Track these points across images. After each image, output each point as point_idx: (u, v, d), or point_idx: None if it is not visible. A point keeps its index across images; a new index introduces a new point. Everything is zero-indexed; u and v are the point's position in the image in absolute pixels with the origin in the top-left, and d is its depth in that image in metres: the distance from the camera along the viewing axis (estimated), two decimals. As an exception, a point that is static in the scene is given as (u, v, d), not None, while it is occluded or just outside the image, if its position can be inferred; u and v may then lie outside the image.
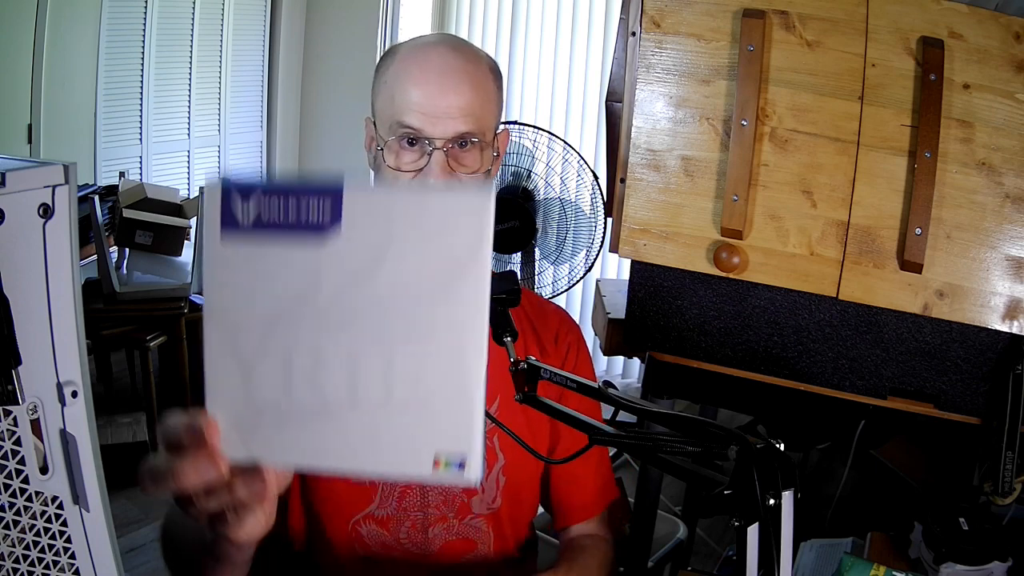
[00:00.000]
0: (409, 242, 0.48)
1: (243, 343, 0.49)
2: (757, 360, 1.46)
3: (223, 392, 0.50)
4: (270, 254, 0.48)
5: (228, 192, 0.49)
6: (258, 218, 0.48)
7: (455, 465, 0.48)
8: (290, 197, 0.48)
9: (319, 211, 0.48)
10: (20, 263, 0.71)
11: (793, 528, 0.54)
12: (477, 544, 1.06)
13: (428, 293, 0.48)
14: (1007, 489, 1.31)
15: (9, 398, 0.69)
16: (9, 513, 0.70)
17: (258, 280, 0.49)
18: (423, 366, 0.48)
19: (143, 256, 3.22)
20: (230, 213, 0.48)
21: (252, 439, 0.50)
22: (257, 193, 0.48)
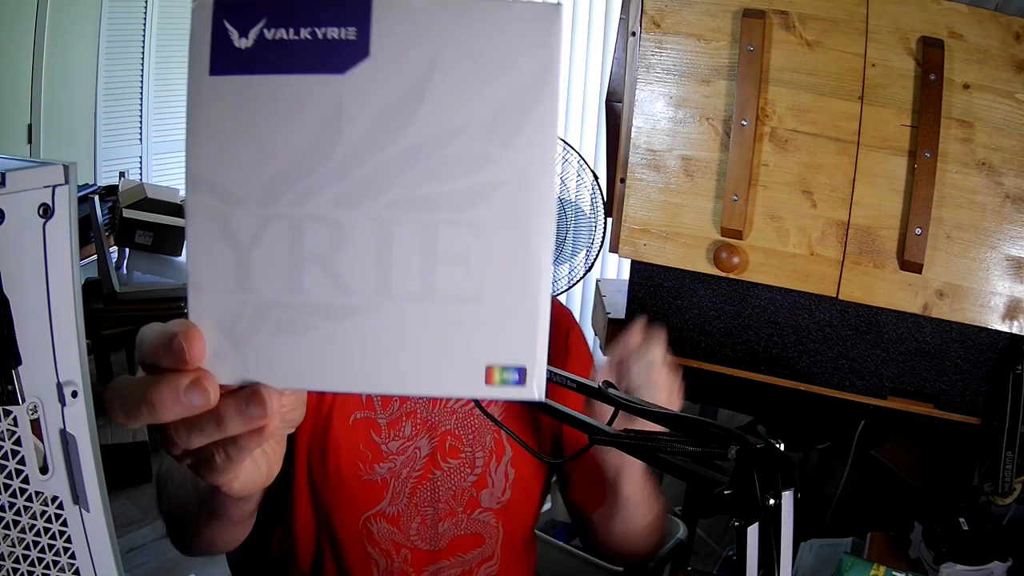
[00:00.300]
0: (458, 68, 0.36)
1: (238, 219, 0.37)
2: (757, 360, 1.46)
3: (211, 289, 0.37)
4: (274, 89, 0.36)
5: (222, 9, 0.37)
6: (260, 40, 0.36)
7: (513, 379, 0.37)
8: (303, 12, 0.36)
9: (340, 27, 0.36)
10: (20, 263, 0.71)
11: (793, 528, 0.54)
12: (485, 539, 1.06)
13: (480, 136, 0.36)
14: (1007, 489, 1.31)
15: (9, 398, 0.69)
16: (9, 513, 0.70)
17: (258, 127, 0.37)
18: (474, 243, 0.37)
19: (143, 256, 3.22)
20: (223, 34, 0.36)
21: (249, 352, 0.38)
22: (260, 8, 0.36)
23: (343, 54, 0.36)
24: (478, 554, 1.05)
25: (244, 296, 0.37)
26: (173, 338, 0.37)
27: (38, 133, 3.50)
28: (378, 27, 0.36)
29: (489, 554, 1.06)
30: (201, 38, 0.37)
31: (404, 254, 0.37)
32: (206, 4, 0.37)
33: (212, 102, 0.37)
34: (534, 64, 0.36)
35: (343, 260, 0.37)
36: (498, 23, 0.36)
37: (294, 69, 0.37)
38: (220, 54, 0.37)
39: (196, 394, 0.37)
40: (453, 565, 1.04)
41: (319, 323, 0.37)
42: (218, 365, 0.38)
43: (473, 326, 0.37)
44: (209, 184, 0.37)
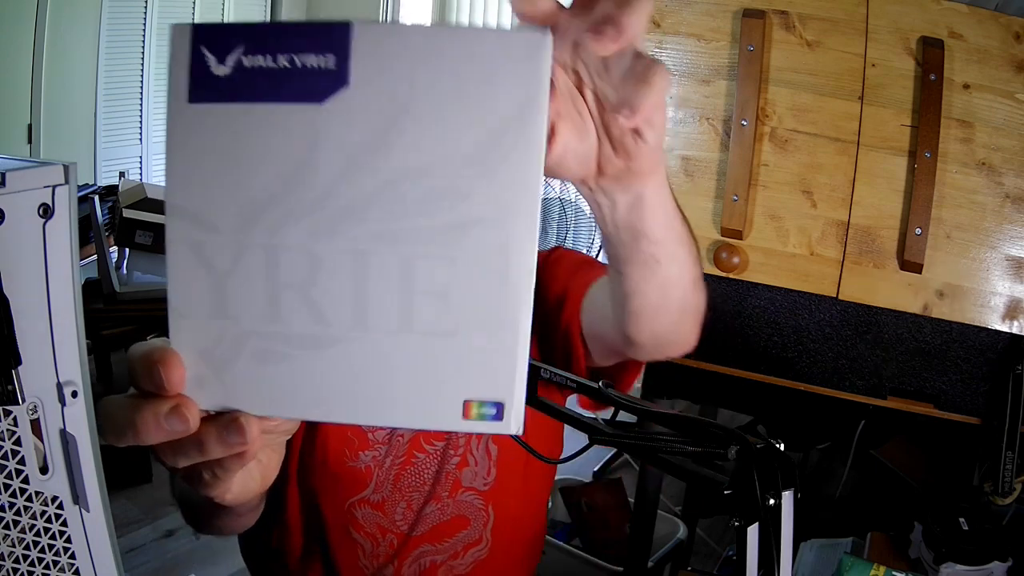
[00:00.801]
0: (440, 98, 0.35)
1: (215, 246, 0.36)
2: (757, 360, 1.46)
3: (190, 315, 0.37)
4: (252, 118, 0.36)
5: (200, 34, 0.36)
6: (238, 68, 0.35)
7: (490, 414, 0.37)
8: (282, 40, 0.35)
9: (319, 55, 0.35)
10: (20, 263, 0.71)
11: (793, 528, 0.54)
12: (471, 521, 1.04)
13: (461, 171, 0.35)
14: (1007, 489, 1.31)
15: (9, 398, 0.69)
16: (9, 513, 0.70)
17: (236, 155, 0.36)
18: (452, 279, 0.36)
19: (143, 256, 3.22)
20: (201, 64, 0.35)
21: (229, 378, 0.37)
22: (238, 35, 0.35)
23: (322, 83, 0.35)
24: (463, 537, 1.04)
25: (223, 323, 0.37)
26: (153, 366, 0.38)
27: (38, 133, 3.50)
28: (358, 56, 0.35)
29: (476, 538, 1.05)
30: (179, 64, 0.36)
31: (381, 287, 0.36)
32: (184, 30, 0.36)
33: (190, 129, 0.36)
34: (518, 98, 0.35)
35: (320, 291, 0.37)
36: (482, 54, 0.35)
37: (272, 97, 0.36)
38: (198, 81, 0.36)
39: (176, 420, 0.38)
40: (438, 551, 1.04)
41: (297, 352, 0.37)
42: (199, 391, 0.38)
43: (451, 360, 0.37)
44: (187, 211, 0.37)
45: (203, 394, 0.38)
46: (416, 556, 1.03)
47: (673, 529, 2.25)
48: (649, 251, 0.59)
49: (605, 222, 0.57)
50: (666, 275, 0.63)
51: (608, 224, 0.57)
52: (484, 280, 0.36)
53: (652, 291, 0.65)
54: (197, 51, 0.36)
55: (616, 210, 0.54)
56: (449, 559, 1.04)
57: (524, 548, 1.13)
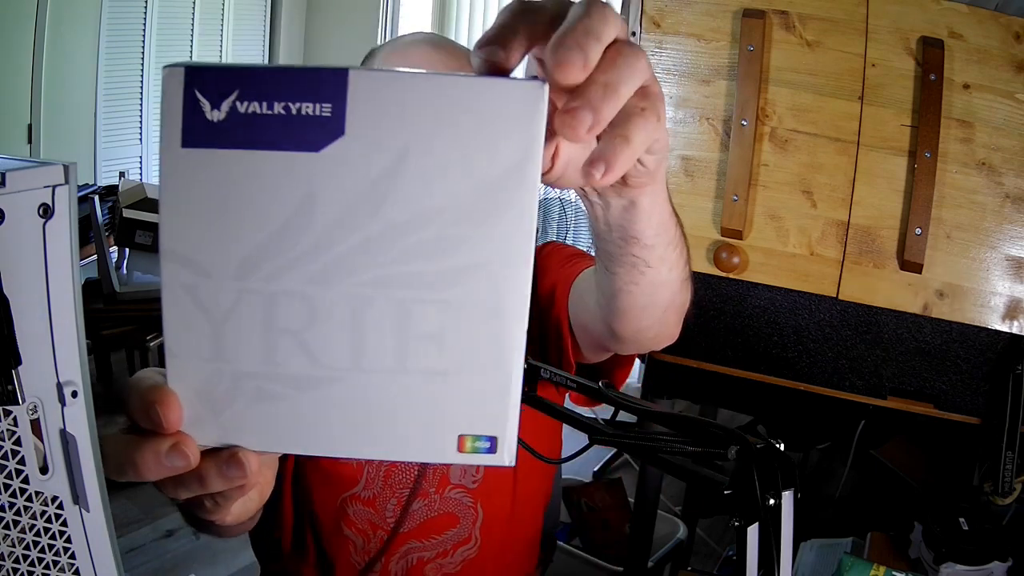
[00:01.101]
0: (435, 147, 0.35)
1: (211, 292, 0.37)
2: (757, 360, 1.46)
3: (187, 357, 0.38)
4: (247, 164, 0.35)
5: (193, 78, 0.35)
6: (233, 113, 0.35)
7: (484, 448, 0.38)
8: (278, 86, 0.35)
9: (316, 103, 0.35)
10: (20, 263, 0.71)
11: (793, 528, 0.54)
12: (459, 519, 1.04)
13: (457, 219, 0.36)
14: (1007, 489, 1.31)
15: (9, 398, 0.69)
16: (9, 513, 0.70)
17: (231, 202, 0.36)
18: (447, 322, 0.37)
19: (143, 256, 3.22)
20: (195, 107, 0.35)
21: (226, 418, 0.38)
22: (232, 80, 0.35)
23: (317, 131, 0.35)
24: (452, 535, 1.04)
25: (220, 366, 0.38)
26: (151, 407, 0.39)
27: (38, 133, 3.50)
28: (354, 105, 0.35)
29: (465, 536, 1.05)
30: (172, 107, 0.35)
31: (377, 331, 0.37)
32: (177, 73, 0.35)
33: (184, 174, 0.36)
34: (515, 148, 0.35)
35: (316, 335, 0.37)
36: (479, 103, 0.35)
37: (267, 145, 0.35)
38: (191, 125, 0.35)
39: (176, 458, 0.39)
40: (425, 547, 1.04)
41: (294, 392, 0.38)
42: (197, 429, 0.39)
43: (445, 398, 0.38)
44: (182, 257, 0.37)
45: (200, 431, 0.39)
46: (403, 552, 1.03)
47: (673, 529, 2.25)
48: (640, 254, 0.59)
49: (597, 221, 0.56)
50: (655, 277, 0.63)
51: (600, 223, 0.56)
52: (478, 323, 0.37)
53: (640, 291, 0.65)
54: (191, 95, 0.35)
55: (609, 212, 0.54)
56: (437, 557, 1.04)
57: (517, 549, 1.12)
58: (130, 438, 0.40)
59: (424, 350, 0.37)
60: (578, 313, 0.90)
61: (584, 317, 0.87)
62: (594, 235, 0.60)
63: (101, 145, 3.84)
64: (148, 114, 4.02)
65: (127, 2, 3.79)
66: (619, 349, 0.85)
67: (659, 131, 0.40)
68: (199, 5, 4.14)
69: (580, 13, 0.36)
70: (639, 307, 0.68)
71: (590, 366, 0.97)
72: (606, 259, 0.61)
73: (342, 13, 4.60)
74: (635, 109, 0.38)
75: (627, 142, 0.38)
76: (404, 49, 0.99)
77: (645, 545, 1.79)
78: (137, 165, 4.04)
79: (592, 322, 0.83)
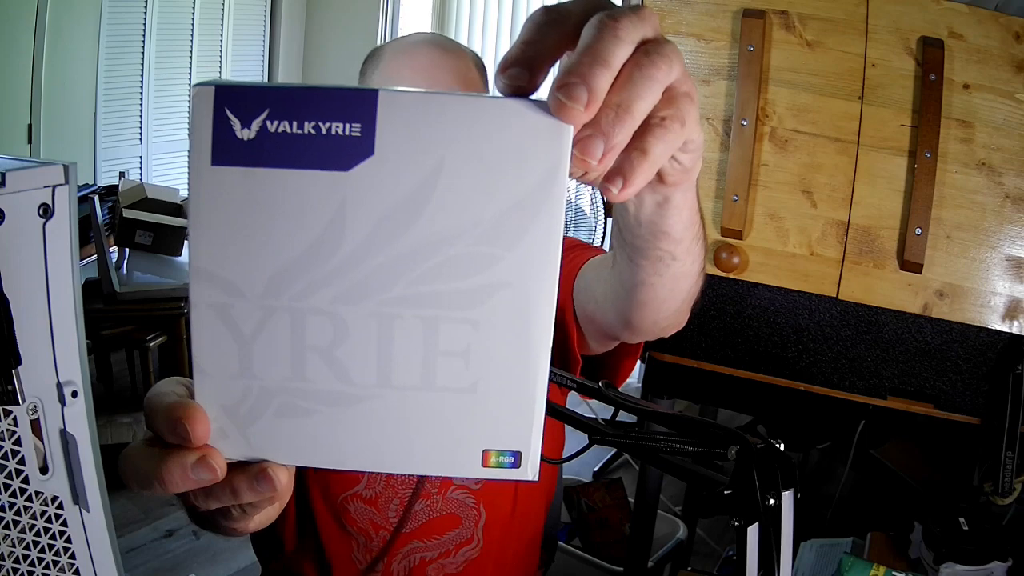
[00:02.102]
0: (464, 167, 0.35)
1: (240, 311, 0.37)
2: (757, 360, 1.46)
3: (215, 374, 0.38)
4: (277, 183, 0.36)
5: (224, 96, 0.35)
6: (262, 131, 0.35)
7: (508, 462, 0.38)
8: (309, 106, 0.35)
9: (346, 123, 0.35)
10: (20, 263, 0.71)
11: (793, 528, 0.54)
12: (462, 520, 1.05)
13: (484, 238, 0.36)
14: (1007, 489, 1.31)
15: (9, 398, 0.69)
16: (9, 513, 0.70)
17: (261, 221, 0.36)
18: (474, 339, 0.37)
19: (143, 256, 3.22)
20: (225, 126, 0.35)
21: (253, 433, 0.39)
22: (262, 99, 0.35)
23: (347, 151, 0.35)
24: (454, 536, 1.04)
25: (248, 382, 0.38)
26: (177, 422, 0.39)
27: (38, 133, 3.50)
28: (383, 125, 0.35)
29: (467, 537, 1.05)
30: (202, 126, 0.36)
31: (405, 348, 0.38)
32: (207, 92, 0.35)
33: (213, 193, 0.36)
34: (542, 167, 0.36)
35: (345, 352, 0.38)
36: (507, 124, 0.35)
37: (297, 164, 0.36)
38: (221, 144, 0.36)
39: (203, 471, 0.39)
40: (427, 547, 1.04)
41: (321, 408, 0.38)
42: (224, 443, 0.39)
43: (471, 414, 0.38)
44: (211, 275, 0.37)
45: (228, 445, 0.39)
46: (405, 552, 1.03)
47: (673, 529, 2.25)
48: (668, 248, 0.58)
49: (627, 215, 0.55)
50: (679, 269, 0.62)
51: (630, 218, 0.55)
52: (504, 340, 0.37)
53: (663, 283, 0.64)
54: (221, 113, 0.35)
55: (642, 208, 0.53)
56: (440, 557, 1.04)
57: (519, 550, 1.12)
58: (156, 451, 0.40)
59: (450, 367, 0.38)
60: (585, 304, 0.89)
61: (591, 308, 0.87)
62: (620, 227, 0.59)
63: (101, 145, 3.84)
64: (148, 114, 4.02)
65: (127, 2, 3.79)
66: (630, 339, 0.84)
67: (686, 135, 0.39)
68: (199, 5, 4.14)
69: (590, 36, 0.35)
70: (660, 299, 0.68)
71: (595, 357, 0.97)
72: (632, 252, 0.61)
73: (342, 13, 4.60)
74: (655, 119, 0.37)
75: (645, 156, 0.37)
76: (410, 49, 1.00)
77: (645, 545, 1.79)
78: (137, 165, 4.04)
79: (601, 312, 0.82)
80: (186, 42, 4.15)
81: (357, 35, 4.48)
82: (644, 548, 1.79)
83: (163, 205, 3.30)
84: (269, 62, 4.63)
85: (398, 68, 0.98)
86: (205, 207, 0.36)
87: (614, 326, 0.80)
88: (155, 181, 3.94)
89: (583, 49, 0.35)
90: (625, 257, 0.63)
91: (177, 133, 4.21)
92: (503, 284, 0.37)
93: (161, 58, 4.01)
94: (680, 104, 0.38)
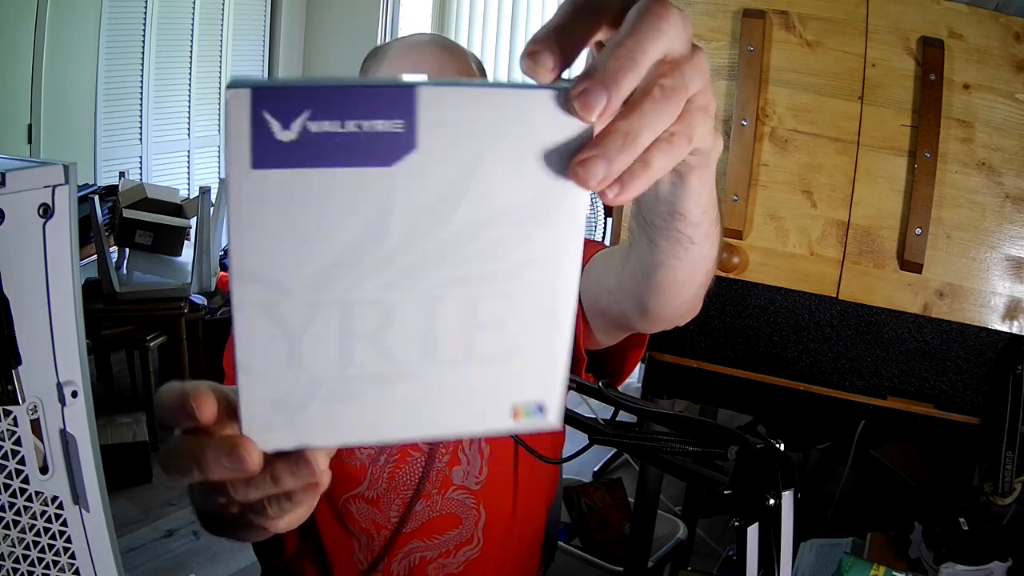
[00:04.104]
0: (501, 155, 0.37)
1: (287, 308, 0.38)
2: (757, 360, 1.46)
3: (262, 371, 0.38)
4: (321, 183, 0.36)
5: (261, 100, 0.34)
6: (304, 132, 0.35)
7: (535, 412, 0.41)
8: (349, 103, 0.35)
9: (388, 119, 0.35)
10: (20, 263, 0.71)
11: (793, 528, 0.54)
12: (462, 520, 1.05)
13: (519, 220, 0.38)
14: (1007, 489, 1.31)
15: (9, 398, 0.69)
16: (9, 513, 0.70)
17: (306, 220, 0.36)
18: (508, 311, 0.40)
19: (143, 256, 3.22)
20: (264, 128, 0.35)
21: (302, 422, 0.40)
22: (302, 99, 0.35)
23: (390, 147, 0.36)
24: (454, 536, 1.04)
25: (296, 374, 0.39)
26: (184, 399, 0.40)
27: (38, 133, 3.50)
28: (424, 119, 0.36)
29: (468, 537, 1.05)
30: (240, 129, 0.35)
31: (448, 326, 0.39)
32: (242, 96, 0.34)
33: (256, 196, 0.36)
34: (568, 154, 0.37)
35: (391, 335, 0.39)
36: (538, 115, 0.37)
37: (341, 162, 0.36)
38: (261, 147, 0.35)
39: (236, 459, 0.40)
40: (428, 547, 1.04)
41: (368, 390, 0.40)
42: (269, 435, 0.40)
43: (505, 377, 0.41)
44: (256, 275, 0.37)
45: (274, 437, 0.40)
46: (406, 552, 1.03)
47: (673, 529, 2.25)
48: (685, 231, 0.59)
49: (647, 194, 0.55)
50: (698, 253, 0.63)
51: (648, 197, 0.56)
52: (536, 311, 0.40)
53: (682, 266, 0.65)
54: (259, 116, 0.35)
55: (659, 188, 0.54)
56: (440, 557, 1.04)
57: (520, 550, 1.12)
58: (193, 439, 0.41)
59: (487, 338, 0.40)
60: (597, 296, 0.89)
61: (604, 300, 0.87)
62: (640, 208, 0.60)
63: (101, 145, 3.84)
64: (148, 114, 4.02)
65: (127, 2, 3.79)
66: (645, 327, 0.85)
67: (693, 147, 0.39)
68: (199, 5, 4.13)
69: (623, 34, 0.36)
70: (679, 283, 0.69)
71: (602, 352, 0.98)
72: (651, 231, 0.62)
73: (342, 13, 4.60)
74: (664, 135, 0.38)
75: (646, 168, 0.38)
76: (415, 49, 1.00)
77: (645, 545, 1.79)
78: (137, 165, 4.04)
79: (616, 303, 0.83)
80: (186, 42, 4.15)
81: (357, 35, 4.48)
82: (644, 548, 1.79)
83: (163, 205, 3.30)
84: (269, 62, 4.63)
85: (402, 67, 0.98)
86: (247, 210, 0.36)
87: (630, 315, 0.80)
88: (155, 181, 3.94)
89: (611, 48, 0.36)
90: (645, 239, 0.64)
91: (177, 133, 4.21)
92: (536, 259, 0.39)
93: (161, 58, 4.01)
94: (692, 120, 0.39)
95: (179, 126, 4.21)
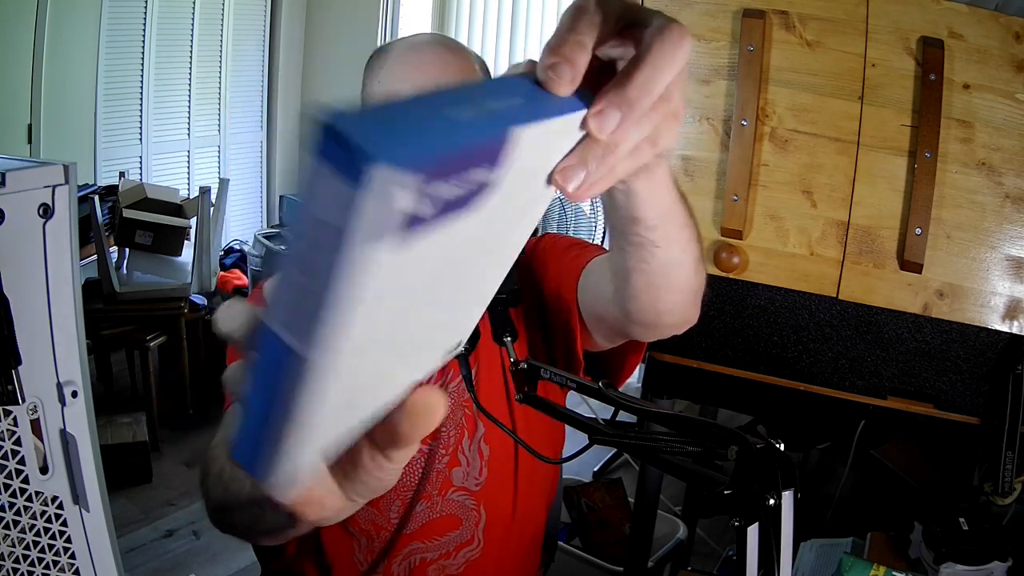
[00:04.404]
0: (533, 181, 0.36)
1: (360, 370, 0.34)
2: (757, 360, 1.46)
3: (322, 429, 0.35)
4: (434, 246, 0.32)
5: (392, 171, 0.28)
6: (420, 201, 0.30)
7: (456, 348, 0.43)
8: (460, 161, 0.31)
9: (480, 167, 0.32)
10: (20, 263, 0.71)
11: (793, 528, 0.54)
12: (462, 521, 1.05)
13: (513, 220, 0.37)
14: (1007, 489, 1.31)
15: (9, 398, 0.69)
16: (9, 513, 0.70)
17: (407, 288, 0.33)
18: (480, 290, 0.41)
19: (143, 256, 3.23)
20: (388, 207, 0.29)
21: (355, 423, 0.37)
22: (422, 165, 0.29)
23: (478, 193, 0.33)
24: (454, 537, 1.04)
25: (349, 410, 0.36)
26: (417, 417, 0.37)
27: (38, 133, 3.50)
28: (506, 161, 0.33)
29: (468, 538, 1.05)
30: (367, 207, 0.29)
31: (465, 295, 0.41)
32: (377, 175, 0.28)
33: (370, 271, 0.30)
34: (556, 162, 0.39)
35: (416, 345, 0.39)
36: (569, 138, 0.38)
37: (448, 218, 0.32)
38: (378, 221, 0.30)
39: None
40: (428, 548, 1.04)
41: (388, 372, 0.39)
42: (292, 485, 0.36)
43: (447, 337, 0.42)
44: (359, 351, 0.33)
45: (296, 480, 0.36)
46: (406, 554, 1.03)
47: (673, 529, 2.25)
48: (645, 235, 0.60)
49: (603, 202, 0.58)
50: (667, 257, 0.63)
51: (605, 206, 0.58)
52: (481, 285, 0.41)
53: (651, 271, 0.66)
54: (383, 195, 0.29)
55: (613, 197, 0.56)
56: (440, 558, 1.04)
57: (519, 550, 1.13)
58: None
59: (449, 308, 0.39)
60: (595, 303, 0.90)
61: (602, 307, 0.88)
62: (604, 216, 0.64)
63: (101, 145, 3.84)
64: (148, 114, 4.02)
65: (127, 2, 3.79)
66: (639, 334, 0.85)
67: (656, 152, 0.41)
68: (199, 5, 4.13)
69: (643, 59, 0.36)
70: (654, 287, 0.69)
71: (602, 354, 0.98)
72: (617, 236, 0.63)
73: (342, 13, 4.60)
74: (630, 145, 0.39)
75: (612, 173, 0.39)
76: (418, 49, 1.00)
77: (645, 545, 1.79)
78: (137, 165, 4.03)
79: (611, 310, 0.83)
80: (186, 42, 4.15)
81: (357, 35, 4.48)
82: (644, 548, 1.79)
83: (163, 205, 3.30)
84: (269, 62, 4.62)
85: (405, 67, 0.98)
86: (362, 297, 0.30)
87: (620, 320, 0.81)
88: (155, 181, 3.94)
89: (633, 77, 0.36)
90: (614, 244, 0.65)
91: (177, 133, 4.21)
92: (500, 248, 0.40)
93: (161, 58, 4.01)
94: (661, 126, 0.39)
95: (179, 126, 4.21)
